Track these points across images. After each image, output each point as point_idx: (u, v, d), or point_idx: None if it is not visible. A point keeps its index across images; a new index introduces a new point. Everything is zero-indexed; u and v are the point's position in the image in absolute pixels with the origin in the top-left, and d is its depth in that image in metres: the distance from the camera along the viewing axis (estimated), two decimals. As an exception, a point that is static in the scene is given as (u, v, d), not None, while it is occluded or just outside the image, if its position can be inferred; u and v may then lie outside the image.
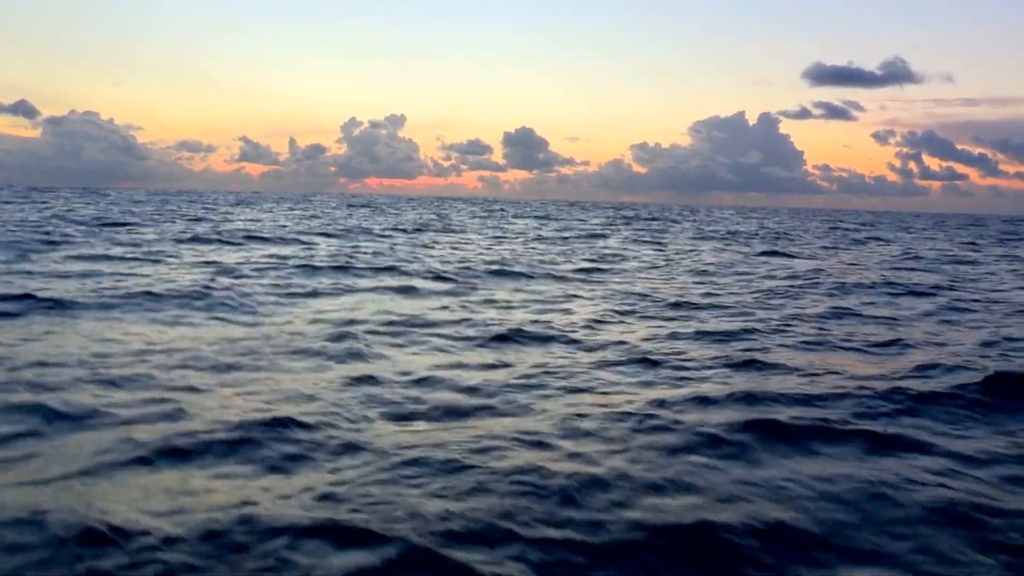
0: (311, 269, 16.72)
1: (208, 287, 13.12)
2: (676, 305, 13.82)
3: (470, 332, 10.48)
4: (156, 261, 17.46)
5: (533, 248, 26.58)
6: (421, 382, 7.77)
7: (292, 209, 54.71)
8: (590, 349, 9.76)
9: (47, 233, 22.25)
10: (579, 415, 6.71)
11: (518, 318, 11.70)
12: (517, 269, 18.48)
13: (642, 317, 12.50)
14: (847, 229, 55.26)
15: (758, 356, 9.46)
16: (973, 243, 40.15)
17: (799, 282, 18.23)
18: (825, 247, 33.76)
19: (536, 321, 11.49)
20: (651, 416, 6.67)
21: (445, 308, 12.54)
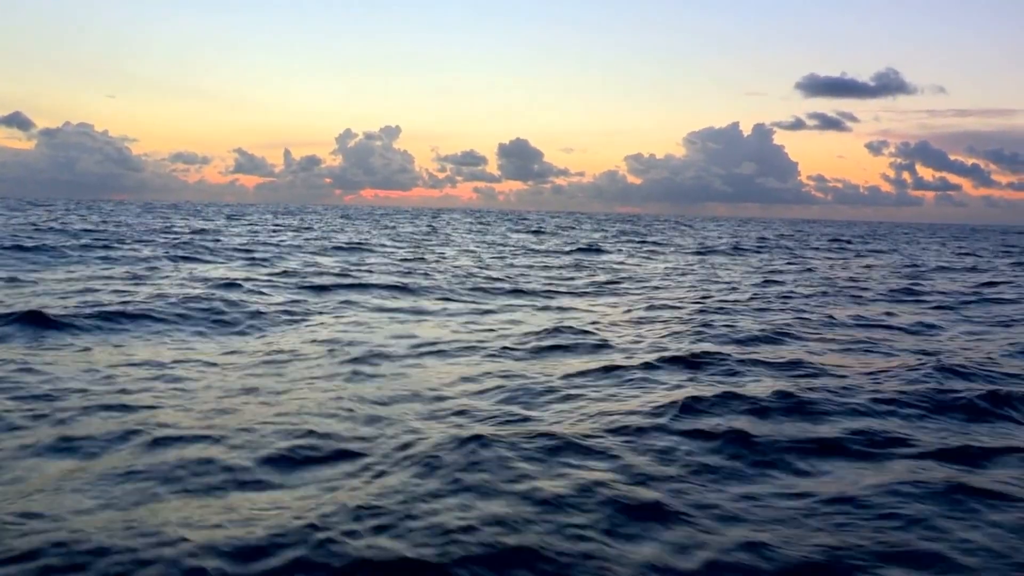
0: (316, 287, 16.32)
1: (214, 306, 12.73)
2: (702, 312, 13.55)
3: (504, 345, 10.16)
4: (161, 278, 17.06)
5: (539, 262, 26.29)
6: (464, 396, 7.42)
7: (289, 221, 54.13)
8: (629, 356, 9.49)
9: (39, 248, 21.75)
10: (638, 428, 6.38)
11: (548, 331, 11.34)
12: (529, 287, 18.14)
13: (671, 324, 12.19)
14: (848, 240, 55.24)
15: (801, 359, 9.43)
16: (975, 254, 40.11)
17: (819, 290, 17.95)
18: (830, 258, 33.58)
19: (568, 333, 11.18)
20: (709, 430, 6.35)
21: (469, 325, 12.22)
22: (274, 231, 40.21)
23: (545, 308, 14.47)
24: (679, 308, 14.33)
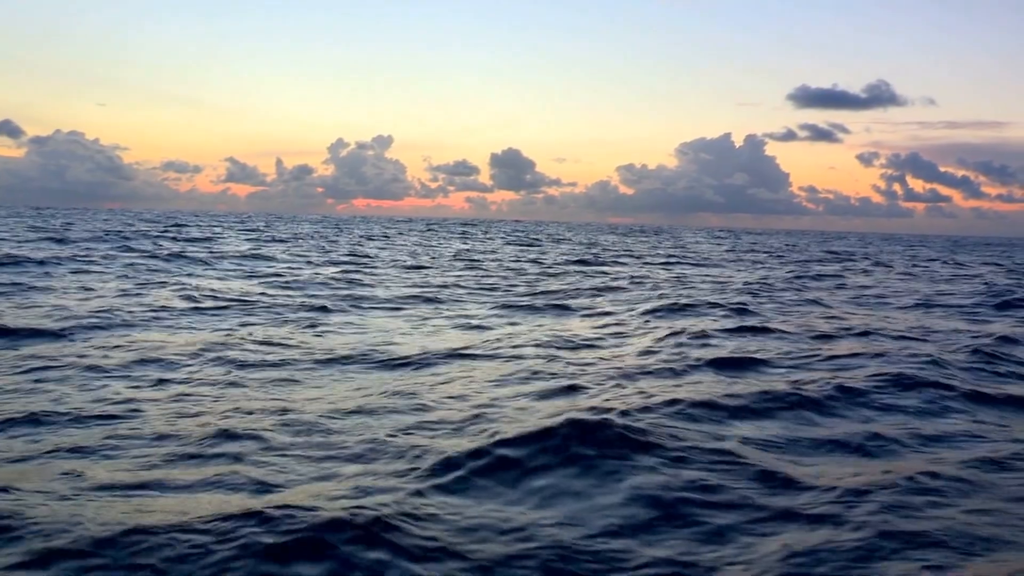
0: (333, 297, 15.94)
1: (234, 314, 12.36)
2: (739, 313, 13.29)
3: (548, 353, 9.80)
4: (171, 289, 16.67)
5: (547, 271, 26.09)
6: (524, 398, 7.06)
7: (285, 230, 53.57)
8: (674, 355, 9.17)
9: (35, 261, 21.24)
10: (740, 438, 6.01)
11: (583, 332, 11.07)
12: (547, 292, 17.84)
13: (705, 322, 11.89)
14: (850, 252, 55.34)
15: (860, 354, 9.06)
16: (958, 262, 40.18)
17: (842, 297, 17.69)
18: (848, 267, 33.50)
19: (606, 334, 11.01)
20: (807, 423, 6.01)
21: (497, 331, 11.92)
22: (272, 241, 39.67)
23: (572, 311, 14.16)
24: (712, 309, 14.01)
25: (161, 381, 7.61)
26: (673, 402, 6.80)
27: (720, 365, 8.79)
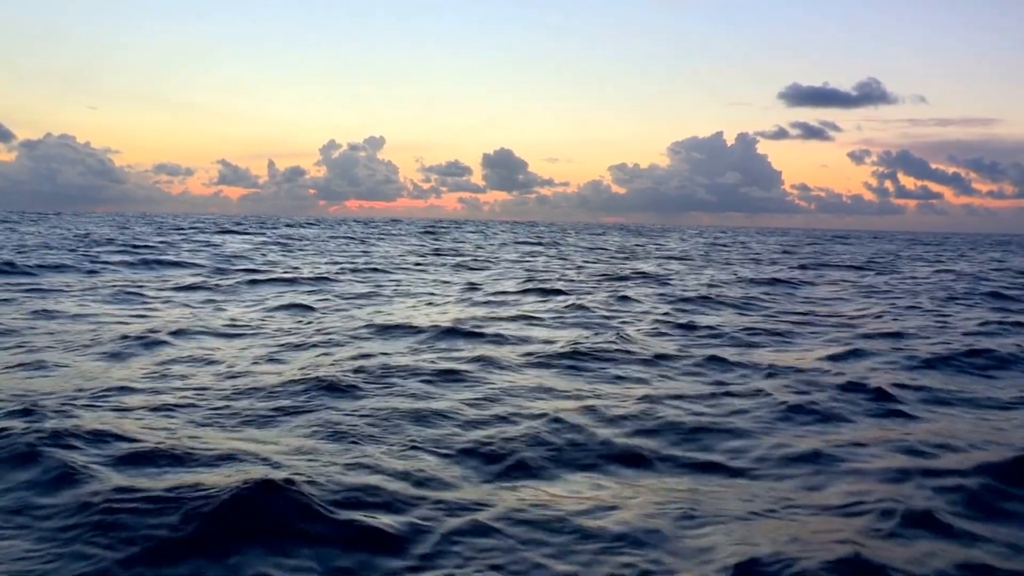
0: (364, 295, 15.74)
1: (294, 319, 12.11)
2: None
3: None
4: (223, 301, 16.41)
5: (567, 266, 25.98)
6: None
7: (290, 233, 53.05)
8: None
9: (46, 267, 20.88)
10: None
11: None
12: (557, 286, 17.70)
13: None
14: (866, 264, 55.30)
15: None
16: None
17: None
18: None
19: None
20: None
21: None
22: (277, 245, 39.12)
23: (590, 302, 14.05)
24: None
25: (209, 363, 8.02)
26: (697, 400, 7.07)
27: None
